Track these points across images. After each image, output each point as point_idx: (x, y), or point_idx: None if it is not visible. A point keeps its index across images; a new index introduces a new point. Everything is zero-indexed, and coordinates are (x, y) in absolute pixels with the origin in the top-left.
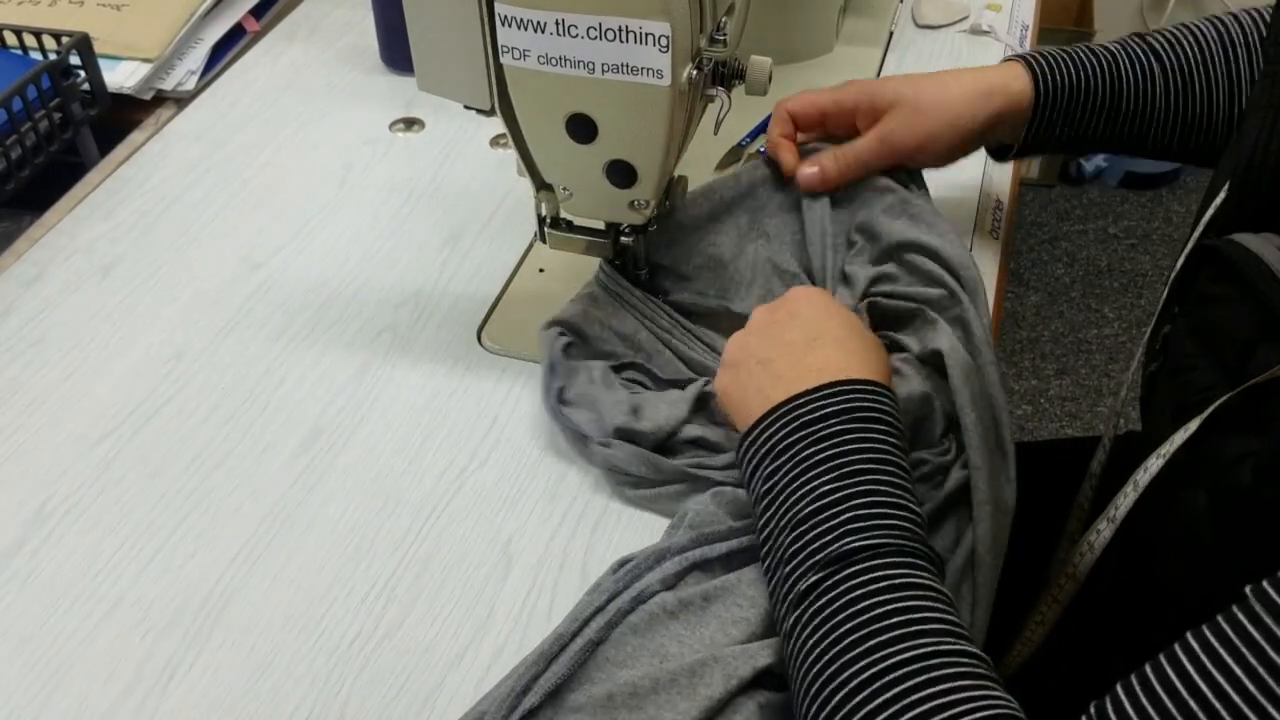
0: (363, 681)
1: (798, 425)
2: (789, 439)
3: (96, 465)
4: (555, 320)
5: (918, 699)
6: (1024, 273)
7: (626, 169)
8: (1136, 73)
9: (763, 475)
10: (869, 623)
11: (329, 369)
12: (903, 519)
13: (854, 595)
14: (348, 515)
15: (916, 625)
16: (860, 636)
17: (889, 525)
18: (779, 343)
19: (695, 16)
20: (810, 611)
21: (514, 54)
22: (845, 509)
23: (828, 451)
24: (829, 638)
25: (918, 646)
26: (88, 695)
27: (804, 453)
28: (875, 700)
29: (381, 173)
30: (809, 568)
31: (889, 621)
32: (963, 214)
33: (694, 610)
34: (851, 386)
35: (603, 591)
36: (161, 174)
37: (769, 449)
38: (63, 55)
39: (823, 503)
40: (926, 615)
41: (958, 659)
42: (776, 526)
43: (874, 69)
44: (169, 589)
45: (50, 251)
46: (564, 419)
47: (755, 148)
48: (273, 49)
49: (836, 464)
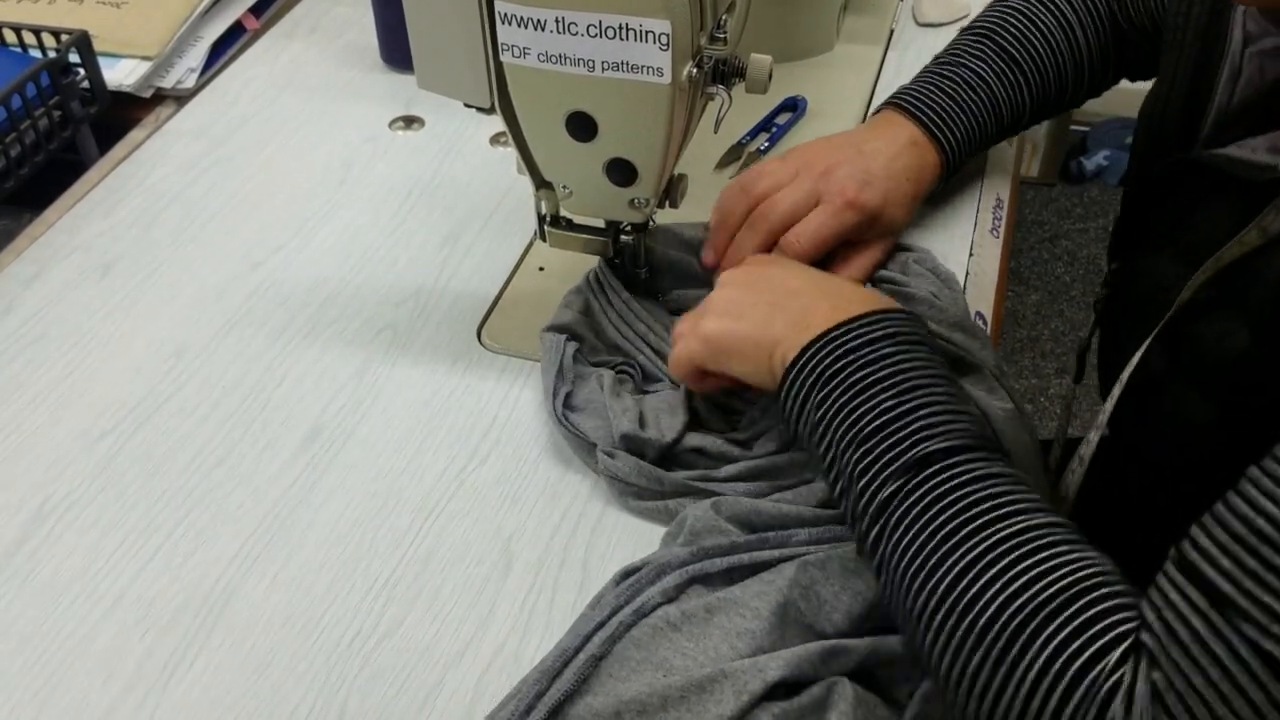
0: (363, 680)
1: (845, 351)
2: (838, 364)
3: (97, 463)
4: (556, 325)
5: (1025, 567)
6: (1024, 271)
7: (626, 167)
8: (1013, 103)
9: (815, 403)
10: (960, 512)
11: (329, 367)
12: (968, 422)
13: (940, 491)
14: (348, 513)
15: (1007, 507)
16: (956, 525)
17: (958, 428)
18: (787, 287)
19: (695, 14)
20: (897, 516)
21: (514, 52)
22: (912, 419)
23: (882, 371)
24: (924, 533)
25: (1014, 524)
26: (88, 693)
27: (857, 374)
28: (984, 576)
29: (381, 171)
30: (886, 477)
31: (981, 508)
32: (963, 213)
33: (696, 622)
34: (887, 314)
35: (604, 606)
36: (161, 172)
37: (818, 376)
38: (62, 53)
39: (887, 417)
40: (1013, 498)
41: (1052, 529)
42: (839, 448)
43: (874, 67)
44: (169, 587)
45: (50, 249)
46: (570, 426)
47: (755, 146)
48: (272, 47)
49: (893, 381)
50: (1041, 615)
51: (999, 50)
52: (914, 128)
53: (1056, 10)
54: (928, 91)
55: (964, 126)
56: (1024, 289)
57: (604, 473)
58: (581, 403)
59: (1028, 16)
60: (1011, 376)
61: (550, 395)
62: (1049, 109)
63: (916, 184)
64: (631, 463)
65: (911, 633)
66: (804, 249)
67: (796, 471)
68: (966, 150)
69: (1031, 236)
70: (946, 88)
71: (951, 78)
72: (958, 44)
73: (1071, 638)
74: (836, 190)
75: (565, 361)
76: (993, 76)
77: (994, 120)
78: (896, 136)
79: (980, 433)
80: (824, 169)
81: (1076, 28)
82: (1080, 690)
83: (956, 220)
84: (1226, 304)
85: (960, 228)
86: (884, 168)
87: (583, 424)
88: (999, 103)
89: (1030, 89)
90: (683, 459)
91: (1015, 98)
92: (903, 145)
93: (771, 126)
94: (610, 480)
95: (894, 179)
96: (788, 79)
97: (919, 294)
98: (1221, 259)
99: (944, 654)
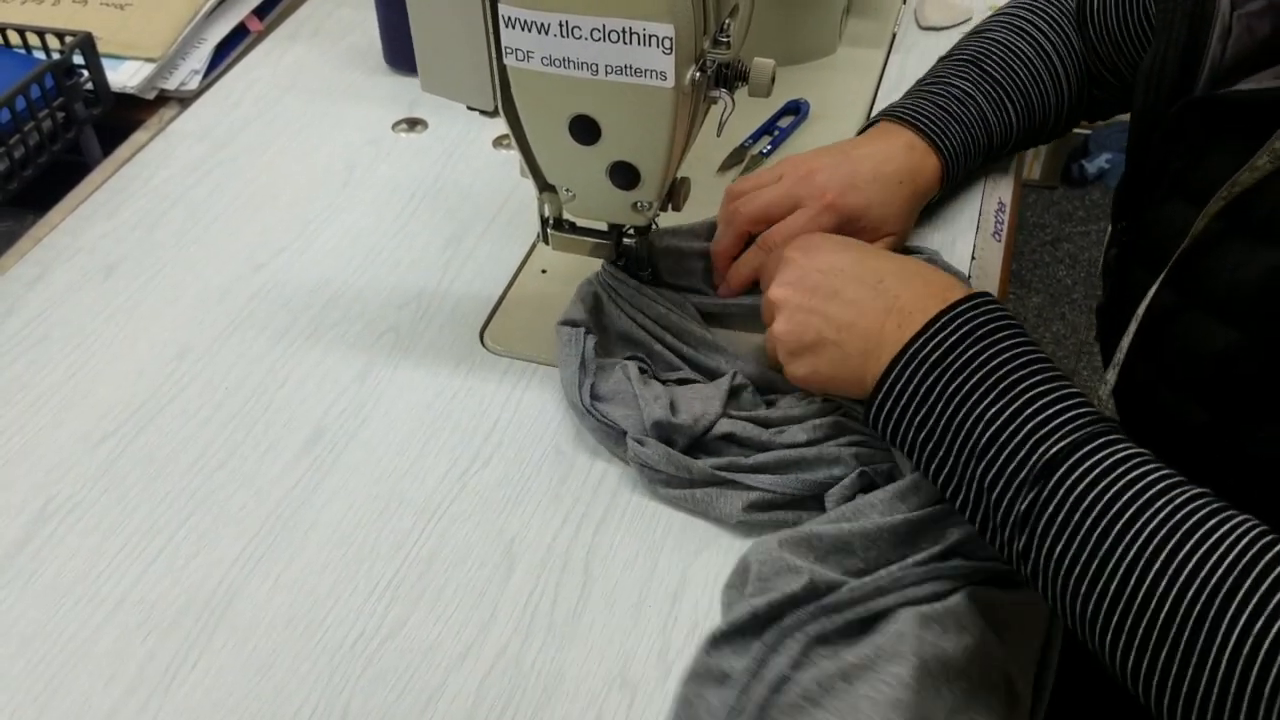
0: (365, 681)
1: (929, 367)
2: (926, 381)
3: (99, 465)
4: (570, 319)
5: (1189, 549)
6: (1026, 274)
7: (629, 170)
8: (1001, 122)
9: (915, 425)
10: (1105, 510)
11: (332, 369)
12: (1074, 407)
13: (1077, 494)
14: (350, 515)
15: (1148, 492)
16: (1107, 524)
17: (1070, 420)
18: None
19: (699, 18)
20: (1041, 527)
21: (517, 55)
22: (1025, 422)
23: (975, 376)
24: (1076, 539)
25: (1163, 508)
26: (90, 696)
27: (949, 389)
28: (1152, 570)
29: (384, 173)
30: (1018, 488)
31: (1123, 500)
32: (965, 215)
33: (839, 695)
34: (956, 310)
35: (734, 685)
36: (164, 174)
37: (909, 398)
38: (66, 54)
39: (997, 424)
40: (1152, 479)
41: (1201, 500)
42: (958, 465)
43: (877, 70)
44: (171, 589)
45: (53, 251)
46: (598, 415)
47: (758, 149)
48: (276, 49)
49: (992, 384)
50: (1223, 592)
51: (983, 74)
52: (910, 133)
53: (1035, 42)
54: (920, 104)
55: (959, 135)
56: (1025, 291)
57: (633, 460)
58: (608, 393)
59: (1008, 46)
60: None
61: (574, 386)
62: (1033, 134)
63: (912, 186)
64: (661, 450)
65: (1089, 638)
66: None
67: (825, 466)
68: (963, 158)
69: (1033, 239)
70: (938, 101)
71: (941, 94)
72: (940, 70)
73: (1260, 608)
74: (817, 193)
75: (587, 353)
76: (980, 96)
77: (984, 135)
78: (892, 142)
79: (1091, 414)
80: (806, 172)
81: (1054, 57)
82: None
83: (959, 223)
84: (1239, 233)
85: (962, 230)
86: (873, 170)
87: (612, 413)
88: (988, 120)
89: (1015, 110)
90: (711, 446)
91: (1002, 117)
92: (897, 149)
93: (774, 130)
94: (640, 469)
95: (882, 181)
96: (790, 82)
97: None
98: (1235, 186)
99: (1130, 653)
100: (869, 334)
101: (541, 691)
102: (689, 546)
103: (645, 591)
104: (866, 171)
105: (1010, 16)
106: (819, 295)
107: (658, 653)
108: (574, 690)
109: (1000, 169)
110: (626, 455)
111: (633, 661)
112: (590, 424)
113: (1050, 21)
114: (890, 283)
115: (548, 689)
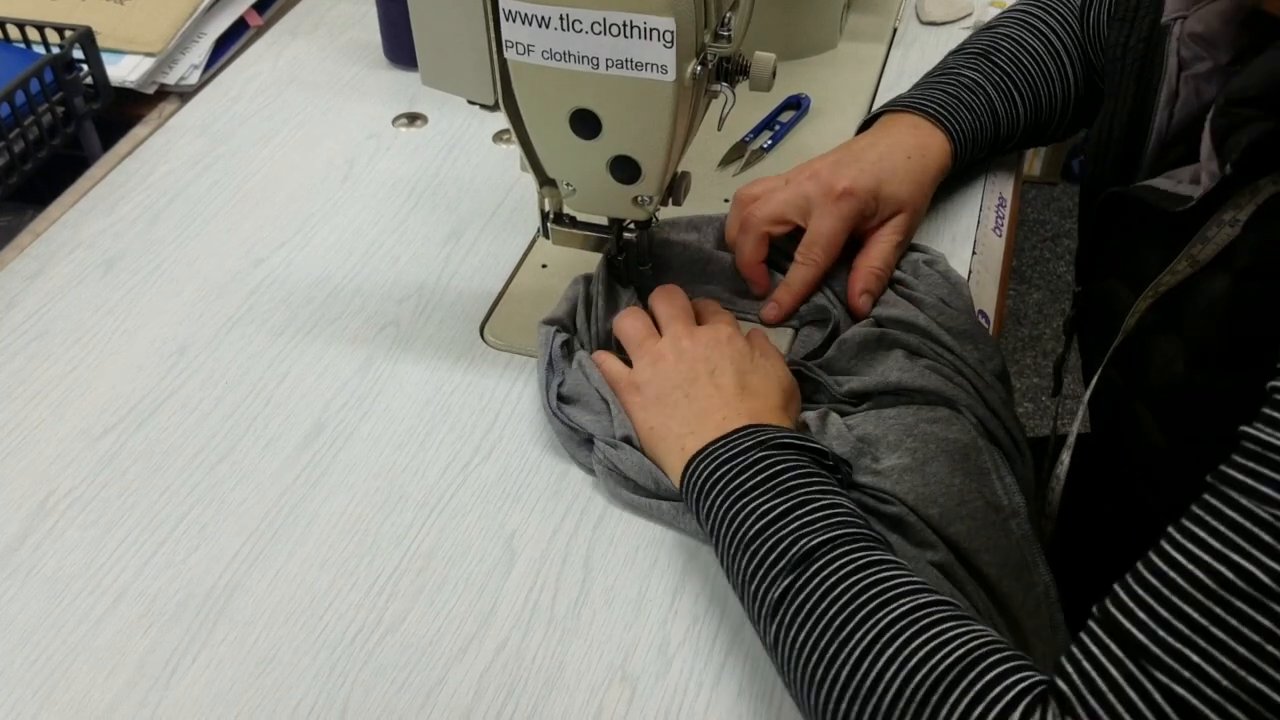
0: (365, 676)
1: (721, 462)
2: (716, 474)
3: (100, 459)
4: (550, 318)
5: (919, 644)
6: (1026, 270)
7: (630, 165)
8: (1009, 113)
9: (704, 512)
10: (850, 601)
11: (332, 364)
12: (843, 513)
13: (829, 584)
14: (351, 510)
15: (892, 591)
16: (847, 615)
17: (834, 520)
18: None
19: (700, 12)
20: (790, 611)
21: (518, 49)
22: (791, 518)
23: (758, 476)
24: (818, 627)
25: (902, 605)
26: (91, 689)
27: (734, 481)
28: (881, 659)
29: (384, 168)
30: (775, 575)
31: (868, 595)
32: (966, 212)
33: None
34: (758, 426)
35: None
36: (164, 168)
37: (700, 489)
38: (66, 49)
39: (769, 518)
40: (898, 581)
41: (936, 607)
42: (729, 552)
43: (878, 65)
44: (172, 583)
45: (53, 246)
46: (564, 418)
47: (759, 144)
48: (276, 44)
49: (768, 486)
50: (942, 687)
51: (993, 65)
52: (912, 116)
53: (1045, 39)
54: (925, 93)
55: (966, 117)
56: (1026, 287)
57: (602, 463)
58: (573, 393)
59: (1018, 41)
60: (1013, 375)
61: (543, 389)
62: (1039, 130)
63: (921, 160)
64: (636, 459)
65: None
66: (819, 258)
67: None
68: (971, 136)
69: (1034, 235)
70: (945, 88)
71: (949, 82)
72: (949, 61)
73: (974, 703)
74: (826, 188)
75: (554, 354)
76: (989, 85)
77: (992, 122)
78: (892, 128)
79: (855, 521)
80: (811, 172)
81: (1064, 55)
82: None
83: (960, 218)
84: (1170, 329)
85: (964, 226)
86: (877, 153)
87: (578, 417)
88: (995, 108)
89: (1023, 102)
90: None
91: (1010, 109)
92: (901, 131)
93: (775, 124)
94: (606, 472)
95: (887, 159)
96: (791, 77)
97: (928, 299)
98: (1158, 287)
99: None
100: (682, 437)
101: (542, 685)
102: (689, 542)
103: (645, 586)
104: (871, 155)
105: (1022, 13)
106: (683, 379)
107: (658, 647)
108: (574, 684)
109: (1001, 165)
110: (589, 459)
111: (633, 655)
112: (556, 426)
113: (1061, 20)
114: (720, 399)
115: (548, 683)
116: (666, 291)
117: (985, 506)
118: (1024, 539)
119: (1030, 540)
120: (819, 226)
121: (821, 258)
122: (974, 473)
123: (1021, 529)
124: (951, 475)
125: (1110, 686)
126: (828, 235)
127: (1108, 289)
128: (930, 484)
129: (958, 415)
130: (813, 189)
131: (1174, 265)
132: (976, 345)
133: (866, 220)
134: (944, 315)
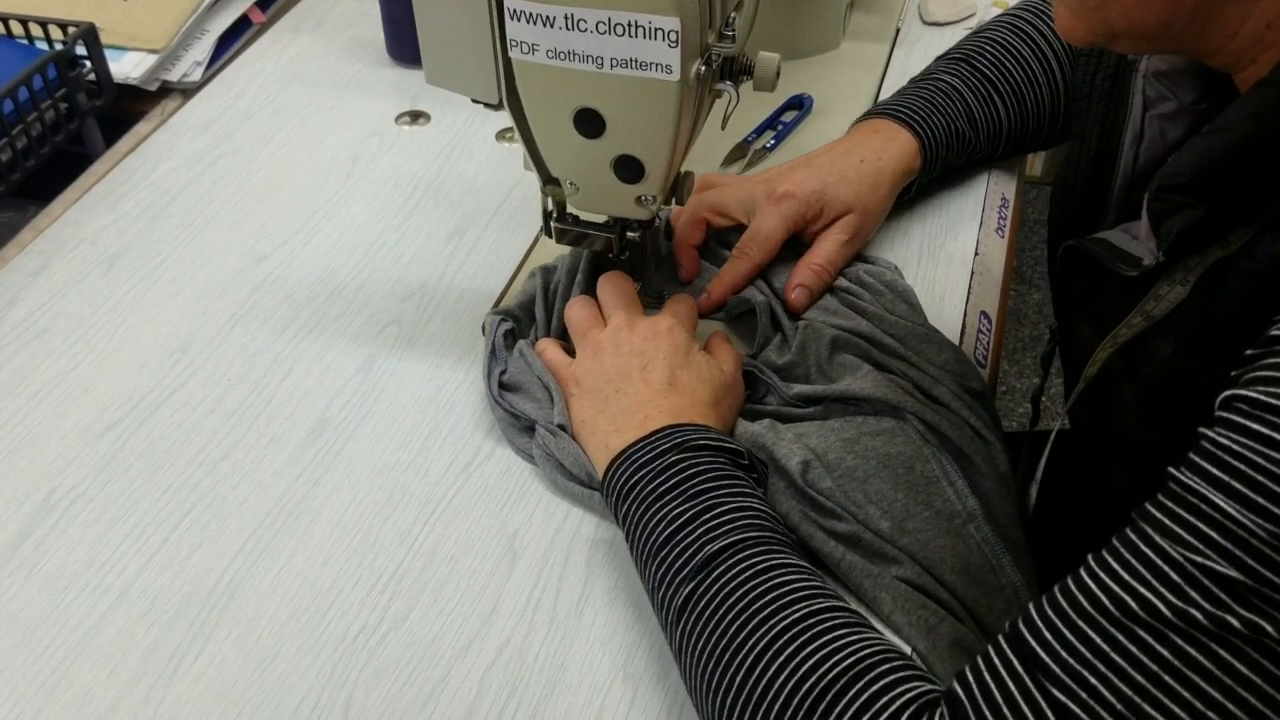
0: (368, 674)
1: (636, 467)
2: (631, 480)
3: (102, 456)
4: (499, 310)
5: (810, 651)
6: (1027, 271)
7: (634, 164)
8: (988, 116)
9: (620, 518)
10: (746, 607)
11: (335, 361)
12: (749, 516)
13: (727, 590)
14: (353, 508)
15: (788, 596)
16: (742, 622)
17: (739, 524)
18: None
19: (704, 12)
20: (691, 618)
21: (522, 48)
22: (697, 523)
23: (669, 481)
24: (715, 633)
25: (797, 611)
26: (93, 686)
27: (646, 488)
28: (773, 665)
29: (387, 166)
30: (679, 582)
31: (763, 600)
32: (968, 211)
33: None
34: (676, 427)
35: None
36: (167, 165)
37: (618, 494)
38: (69, 45)
39: (677, 524)
40: (794, 586)
41: (831, 614)
42: (642, 559)
43: (880, 65)
44: (174, 580)
45: (55, 242)
46: (506, 406)
47: (761, 144)
48: (278, 41)
49: (678, 490)
50: (830, 694)
51: (973, 70)
52: (875, 120)
53: (1034, 44)
54: (895, 99)
55: (938, 120)
56: (1026, 288)
57: (541, 449)
58: (514, 381)
59: (1004, 45)
60: (1013, 375)
61: (485, 377)
62: (1026, 136)
63: (876, 163)
64: (573, 449)
65: None
66: (753, 254)
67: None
68: (944, 139)
69: (1035, 236)
70: (919, 94)
71: (925, 88)
72: (931, 67)
73: (860, 711)
74: (770, 189)
75: (497, 343)
76: (967, 89)
77: (969, 126)
78: (857, 133)
79: (762, 523)
80: (765, 176)
81: (1054, 61)
82: None
83: (962, 219)
84: (1129, 378)
85: (966, 226)
86: (829, 156)
87: (520, 404)
88: (972, 111)
89: (1005, 106)
90: None
91: (990, 112)
92: (861, 137)
93: (777, 124)
94: (543, 458)
95: (839, 162)
96: (794, 77)
97: (870, 309)
98: (1116, 339)
99: None
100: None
101: (544, 685)
102: None
103: None
104: (824, 159)
105: (1012, 17)
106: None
107: (660, 646)
108: (576, 684)
109: (1003, 166)
110: (529, 446)
111: (635, 655)
112: (498, 414)
113: (1052, 25)
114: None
115: (550, 682)
116: (611, 278)
117: (935, 516)
118: (984, 541)
119: (993, 542)
120: (758, 224)
121: (756, 254)
122: (919, 484)
123: (981, 531)
124: (895, 490)
125: (1005, 698)
126: (765, 233)
127: (1077, 331)
128: (874, 500)
129: (902, 425)
130: (759, 189)
131: (1129, 319)
132: (928, 343)
133: (811, 222)
134: (886, 322)
